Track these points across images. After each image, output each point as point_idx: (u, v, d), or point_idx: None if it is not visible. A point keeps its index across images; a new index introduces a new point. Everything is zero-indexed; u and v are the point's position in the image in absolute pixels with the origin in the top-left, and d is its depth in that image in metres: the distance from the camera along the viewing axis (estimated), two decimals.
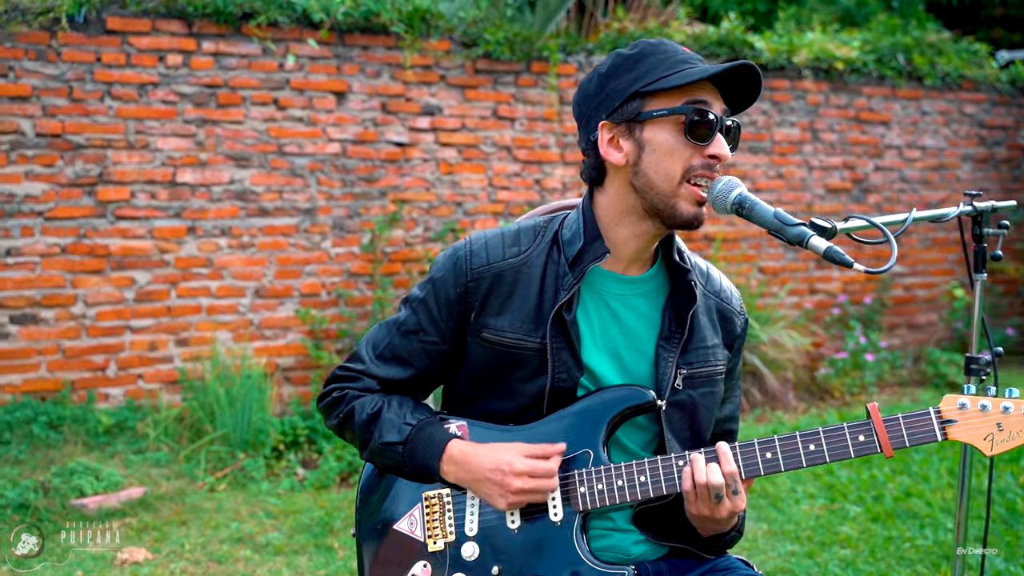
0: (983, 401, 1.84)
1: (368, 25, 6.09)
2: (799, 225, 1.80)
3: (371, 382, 2.06)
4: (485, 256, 2.00)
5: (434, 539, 1.97)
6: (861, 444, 1.88)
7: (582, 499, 1.94)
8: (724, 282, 2.17)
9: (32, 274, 5.46)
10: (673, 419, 2.03)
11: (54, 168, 5.47)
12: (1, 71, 5.33)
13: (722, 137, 1.89)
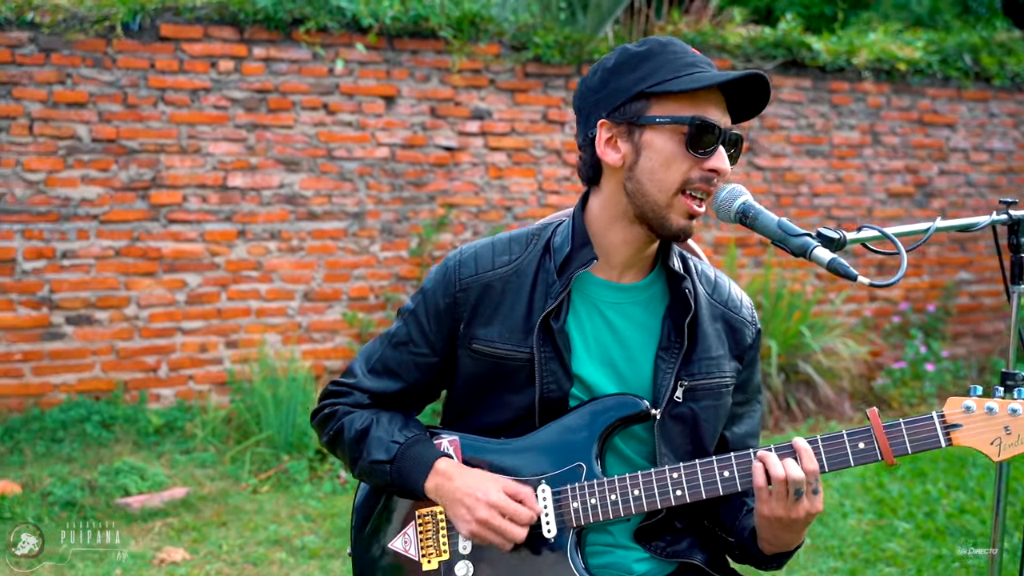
0: (989, 403, 1.74)
1: (417, 30, 6.10)
2: (803, 235, 1.73)
3: (362, 396, 2.03)
4: (474, 266, 1.96)
5: (428, 558, 1.94)
6: (861, 452, 1.80)
7: (575, 514, 1.89)
8: (734, 291, 2.10)
9: (87, 276, 5.58)
10: (673, 432, 1.97)
11: (109, 172, 5.59)
12: (59, 78, 5.47)
13: (723, 150, 1.82)
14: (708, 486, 1.85)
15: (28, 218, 5.45)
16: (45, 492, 4.58)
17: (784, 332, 6.30)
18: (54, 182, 5.49)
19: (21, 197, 5.43)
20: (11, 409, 5.44)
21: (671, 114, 1.80)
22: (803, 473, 1.76)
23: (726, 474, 1.85)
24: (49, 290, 5.52)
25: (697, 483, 1.86)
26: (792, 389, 6.27)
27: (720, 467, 1.86)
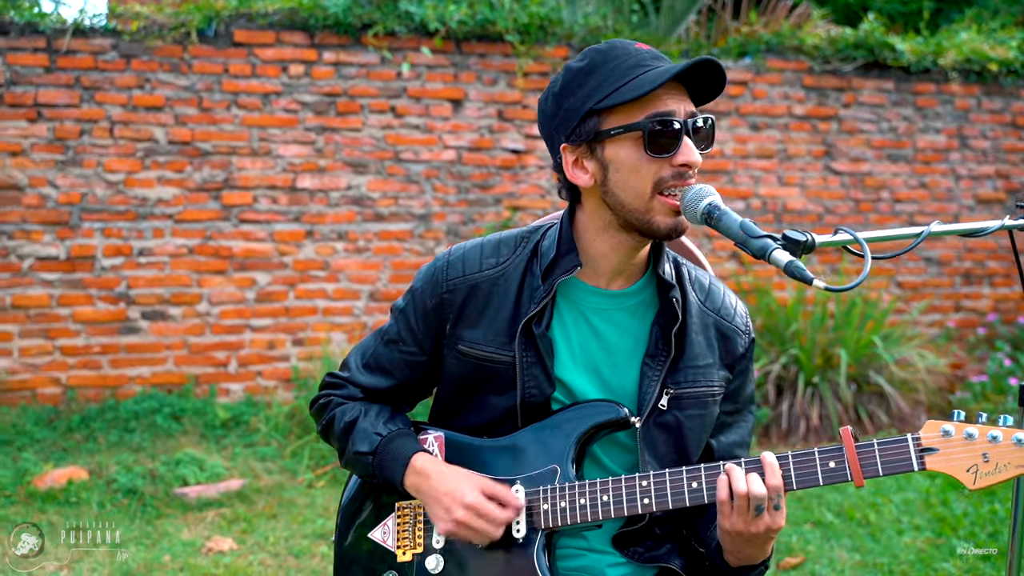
0: (969, 429, 1.66)
1: (484, 33, 6.14)
2: (764, 237, 1.68)
3: (355, 390, 2.06)
4: (461, 267, 1.97)
5: (403, 550, 1.96)
6: (831, 471, 1.74)
7: (544, 516, 1.88)
8: (728, 299, 2.05)
9: (162, 273, 5.79)
10: (658, 440, 1.94)
11: (184, 174, 5.80)
12: (138, 83, 5.70)
13: (690, 141, 1.78)
14: (675, 496, 1.82)
15: (108, 217, 5.70)
16: (110, 479, 4.77)
17: (856, 342, 6.11)
18: (132, 183, 5.73)
19: (102, 197, 5.68)
20: (89, 399, 5.69)
21: (623, 123, 1.77)
22: (765, 489, 1.72)
23: (694, 485, 1.82)
24: (126, 286, 5.75)
25: (665, 493, 1.83)
26: (863, 401, 6.08)
27: (689, 478, 1.82)
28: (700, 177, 6.12)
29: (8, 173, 5.54)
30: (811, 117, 6.86)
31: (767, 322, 6.31)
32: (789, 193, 6.85)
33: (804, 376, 6.01)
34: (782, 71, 6.77)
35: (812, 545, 4.18)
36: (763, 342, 6.25)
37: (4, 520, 4.38)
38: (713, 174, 6.69)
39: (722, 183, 6.71)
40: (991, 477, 1.63)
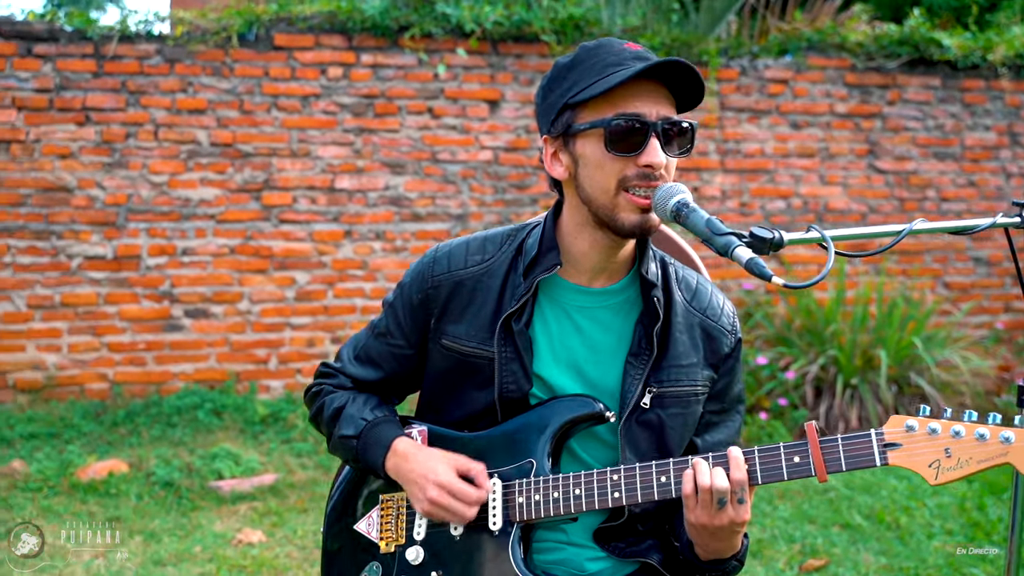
0: (933, 424, 1.64)
1: (520, 34, 6.17)
2: (728, 234, 1.68)
3: (346, 380, 2.11)
4: (447, 264, 2.00)
5: (386, 541, 2.00)
6: (796, 466, 1.74)
7: (519, 509, 1.90)
8: (715, 299, 2.06)
9: (204, 272, 5.94)
10: (640, 438, 1.95)
11: (225, 175, 5.93)
12: (181, 86, 5.84)
13: (657, 143, 1.79)
14: (644, 490, 1.84)
15: (152, 217, 5.85)
16: (149, 472, 4.91)
17: (896, 343, 6.01)
18: (176, 184, 5.88)
19: (146, 198, 5.84)
20: (134, 395, 5.85)
21: (591, 119, 1.80)
22: (728, 483, 1.73)
23: (663, 479, 1.83)
24: (170, 285, 5.90)
25: (634, 486, 1.84)
26: (905, 403, 5.98)
27: (658, 472, 1.84)
28: (738, 177, 6.07)
29: (58, 175, 5.73)
30: (854, 115, 6.76)
31: (805, 323, 6.24)
32: (831, 192, 6.77)
33: (843, 377, 5.93)
34: (824, 68, 6.69)
35: (838, 548, 4.14)
36: (801, 343, 6.18)
37: (48, 510, 4.54)
38: (753, 173, 6.63)
39: (762, 182, 6.65)
40: (953, 472, 1.62)
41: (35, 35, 5.67)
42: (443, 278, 1.99)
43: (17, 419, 5.57)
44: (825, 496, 4.74)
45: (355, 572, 2.03)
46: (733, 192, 6.62)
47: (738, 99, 6.59)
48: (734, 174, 6.63)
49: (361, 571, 2.02)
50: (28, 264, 5.73)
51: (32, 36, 5.67)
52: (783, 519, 4.47)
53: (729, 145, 6.60)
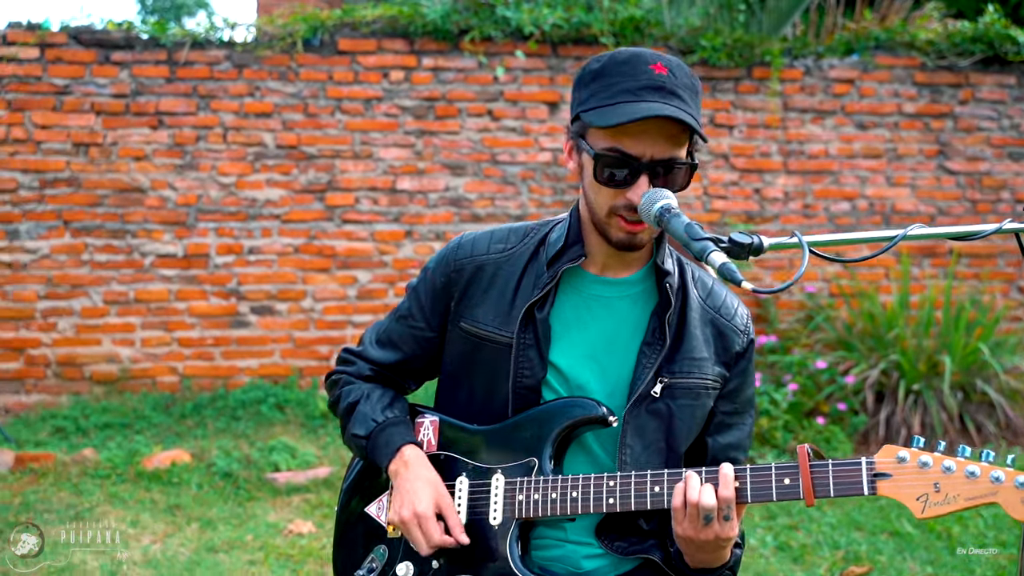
0: (924, 457, 1.63)
1: (580, 36, 6.21)
2: (705, 239, 1.70)
3: (364, 366, 2.18)
4: (470, 249, 2.08)
5: (393, 526, 2.07)
6: (785, 488, 1.76)
7: (519, 507, 1.96)
8: (729, 300, 2.09)
9: (269, 270, 6.13)
10: (648, 427, 1.99)
11: (290, 176, 6.11)
12: (249, 91, 6.04)
13: (646, 181, 1.82)
14: (638, 499, 1.88)
15: (221, 217, 6.07)
16: (210, 463, 5.10)
17: (963, 348, 5.86)
18: (243, 185, 6.08)
19: (215, 198, 6.05)
20: (203, 388, 6.08)
21: (591, 143, 1.85)
22: (715, 501, 1.76)
23: (656, 489, 1.86)
24: (237, 282, 6.11)
25: (629, 494, 1.88)
26: (971, 410, 5.83)
27: (652, 482, 1.87)
28: (801, 178, 6.00)
29: (132, 177, 5.98)
30: (923, 115, 6.61)
31: (866, 327, 6.13)
32: (898, 194, 6.63)
33: (905, 383, 5.81)
34: (891, 68, 6.56)
35: (884, 555, 4.08)
36: (862, 347, 6.08)
37: (114, 496, 4.75)
38: (816, 174, 6.54)
39: (826, 183, 6.56)
40: (940, 507, 1.61)
41: (113, 43, 5.93)
42: (466, 262, 2.06)
43: (92, 409, 5.84)
44: (876, 504, 4.67)
45: (363, 553, 2.10)
46: (796, 194, 6.54)
47: (802, 99, 6.51)
48: (797, 175, 6.55)
49: (369, 552, 2.09)
50: (104, 261, 5.99)
51: (110, 44, 5.93)
52: (830, 525, 4.42)
53: (792, 146, 6.52)
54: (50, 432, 5.63)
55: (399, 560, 2.04)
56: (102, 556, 4.03)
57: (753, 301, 6.51)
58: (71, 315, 5.99)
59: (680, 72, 1.89)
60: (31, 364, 5.97)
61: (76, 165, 5.94)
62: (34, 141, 5.90)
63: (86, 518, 4.46)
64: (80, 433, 5.62)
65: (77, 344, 6.00)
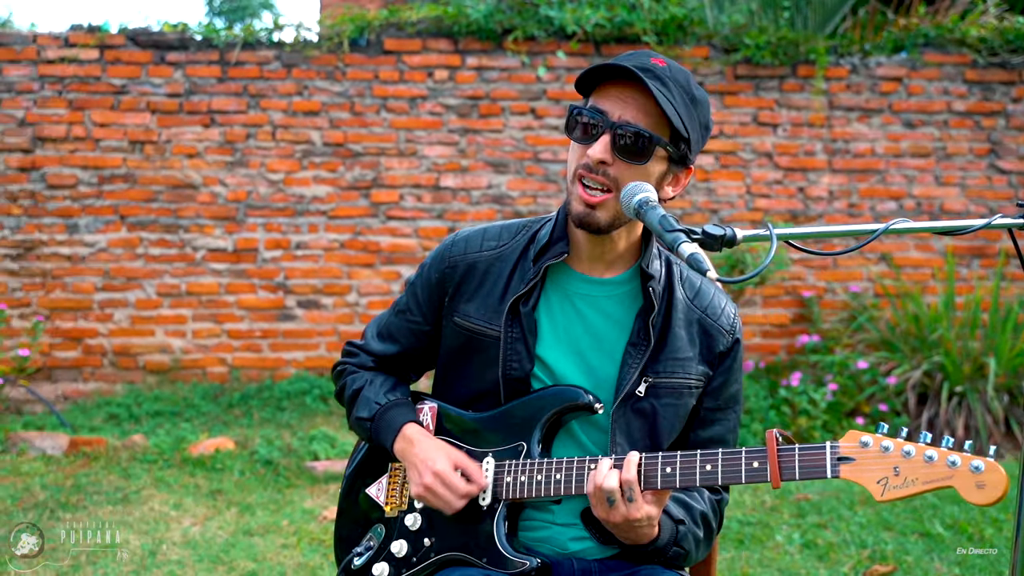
0: (886, 442, 1.67)
1: (623, 35, 6.24)
2: (677, 231, 1.75)
3: (366, 358, 2.28)
4: (464, 247, 2.16)
5: (391, 506, 2.16)
6: (754, 471, 1.80)
7: (506, 488, 2.03)
8: (717, 300, 2.13)
9: (316, 265, 6.28)
10: (633, 425, 2.05)
11: (336, 173, 6.26)
12: (297, 90, 6.20)
13: (608, 141, 1.88)
14: None
15: (269, 213, 6.24)
16: (252, 450, 5.26)
17: (1009, 351, 5.76)
18: (291, 182, 6.24)
19: (264, 195, 6.23)
20: (251, 379, 6.26)
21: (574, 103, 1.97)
22: (615, 484, 1.84)
23: None
24: (284, 277, 6.27)
25: None
26: (1016, 413, 5.72)
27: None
28: (847, 177, 6.00)
29: (185, 173, 6.18)
30: (974, 113, 6.51)
31: (910, 327, 6.06)
32: (947, 193, 6.54)
33: (949, 385, 5.73)
34: (941, 65, 6.47)
35: (911, 556, 4.05)
36: (905, 348, 6.01)
37: (160, 480, 4.94)
38: (862, 173, 6.48)
39: (872, 182, 6.49)
40: (899, 491, 1.64)
41: (168, 44, 6.14)
42: (459, 259, 2.14)
43: (145, 397, 6.06)
44: (909, 504, 4.63)
45: (362, 531, 2.20)
46: (841, 193, 6.49)
47: (848, 98, 6.46)
48: (842, 174, 6.50)
49: (367, 531, 2.19)
50: (158, 255, 6.20)
51: (165, 45, 6.14)
52: (859, 524, 4.40)
53: (838, 145, 6.47)
54: (104, 418, 5.86)
55: (395, 538, 2.13)
56: (144, 536, 4.20)
57: (796, 301, 6.48)
58: (126, 306, 6.21)
59: (678, 72, 1.95)
60: (88, 353, 6.21)
61: (132, 162, 6.16)
62: (93, 139, 6.13)
63: (132, 500, 4.65)
64: (132, 420, 5.84)
65: (132, 335, 6.22)
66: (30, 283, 6.15)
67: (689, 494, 2.10)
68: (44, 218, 6.14)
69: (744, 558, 4.05)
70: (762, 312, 6.47)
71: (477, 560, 2.02)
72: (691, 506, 2.08)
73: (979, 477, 1.57)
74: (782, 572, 3.91)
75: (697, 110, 1.97)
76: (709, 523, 2.11)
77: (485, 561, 2.01)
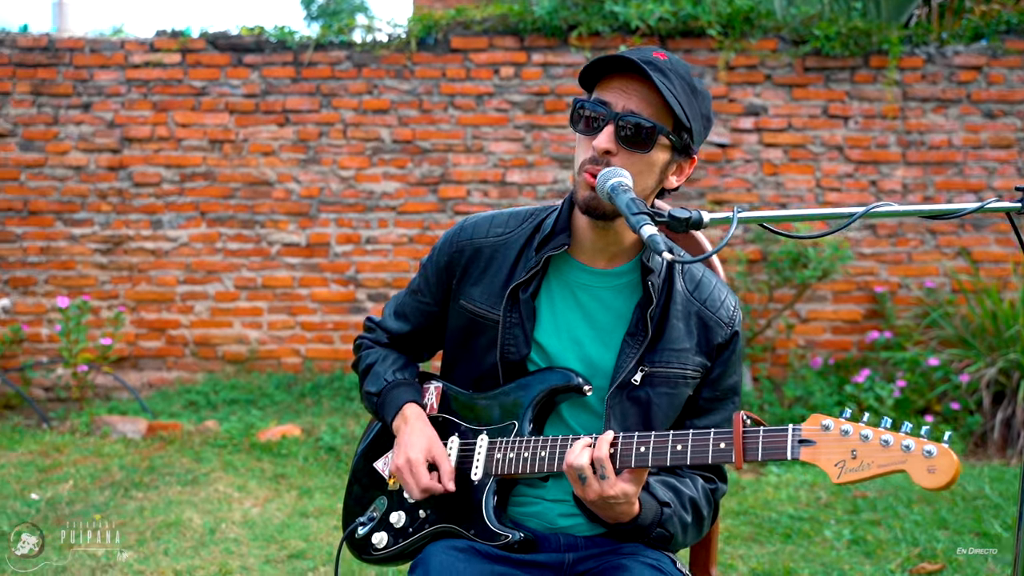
0: (846, 426, 1.68)
1: (688, 29, 6.22)
2: (642, 214, 1.79)
3: (382, 334, 2.38)
4: (471, 232, 2.24)
5: (392, 479, 2.25)
6: (720, 451, 1.83)
7: (496, 464, 2.10)
8: (716, 292, 2.16)
9: (385, 260, 6.44)
10: (628, 413, 2.09)
11: (405, 170, 6.41)
12: (367, 88, 6.38)
13: (611, 131, 1.92)
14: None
15: (341, 209, 6.43)
16: (317, 437, 5.44)
17: None
18: (361, 178, 6.42)
19: (336, 191, 6.42)
20: (322, 370, 6.46)
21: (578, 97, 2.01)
22: (586, 461, 1.88)
23: (611, 451, 1.96)
24: (355, 271, 6.46)
25: None
26: None
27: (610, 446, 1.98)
28: (921, 170, 5.91)
29: (261, 171, 6.42)
30: None
31: (985, 324, 5.88)
32: None
33: None
34: (1023, 53, 6.25)
35: (962, 555, 3.95)
36: (980, 345, 5.83)
37: (229, 464, 5.15)
38: (938, 166, 6.31)
39: (949, 175, 6.31)
40: (854, 474, 1.65)
41: (245, 46, 6.39)
42: (466, 244, 2.22)
43: (223, 386, 6.33)
44: (971, 504, 4.51)
45: (368, 503, 2.30)
46: (916, 186, 6.33)
47: (923, 88, 6.29)
48: (917, 167, 6.33)
49: (372, 502, 2.29)
50: (236, 250, 6.46)
51: (242, 47, 6.39)
52: (914, 522, 4.31)
53: (912, 137, 6.31)
54: (184, 405, 6.14)
55: (394, 509, 2.22)
56: (207, 515, 4.41)
57: (868, 297, 6.35)
58: (206, 299, 6.49)
59: (680, 66, 2.00)
60: (171, 343, 6.51)
61: (211, 160, 6.43)
62: (175, 139, 6.42)
63: (200, 482, 4.87)
64: (210, 407, 6.10)
65: (211, 326, 6.49)
66: (118, 276, 6.48)
67: (680, 480, 2.13)
68: (131, 214, 6.46)
69: (788, 552, 4.02)
70: (832, 308, 6.36)
71: (466, 532, 2.10)
72: (680, 491, 2.10)
73: (931, 462, 1.57)
74: (825, 567, 3.87)
75: (698, 101, 2.01)
76: (699, 509, 2.13)
77: (473, 533, 2.09)
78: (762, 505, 4.60)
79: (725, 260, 6.33)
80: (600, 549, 2.12)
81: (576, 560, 2.12)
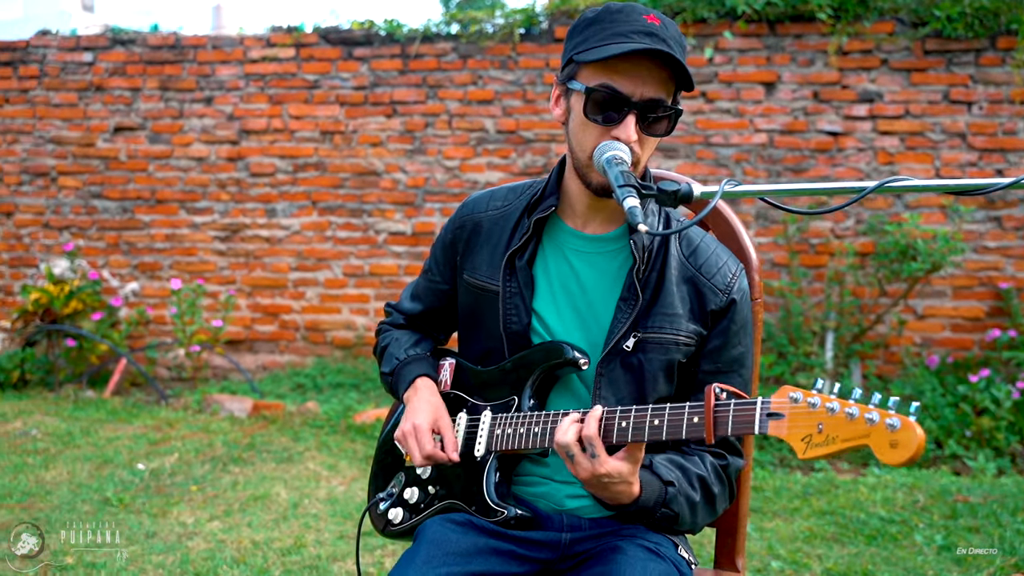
0: (813, 398, 1.58)
1: (797, 13, 6.01)
2: (627, 186, 1.75)
3: (399, 317, 2.43)
4: (472, 208, 2.26)
5: (409, 455, 2.29)
6: (694, 426, 1.76)
7: (496, 440, 2.09)
8: (714, 259, 2.09)
9: None
10: (620, 379, 2.06)
11: (508, 159, 6.44)
12: (472, 79, 6.45)
13: (633, 121, 1.88)
14: None
15: (445, 198, 6.52)
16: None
17: None
18: (466, 168, 6.50)
19: (440, 181, 6.52)
20: None
21: (582, 82, 1.92)
22: (572, 439, 1.84)
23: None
24: None
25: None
26: None
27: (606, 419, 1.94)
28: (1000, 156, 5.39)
29: (369, 161, 6.58)
30: None
31: None
32: None
33: None
34: None
35: None
36: None
37: (324, 444, 5.32)
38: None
39: None
40: (820, 448, 1.56)
41: (355, 40, 6.57)
42: (467, 219, 2.24)
43: (330, 370, 6.53)
44: None
45: (388, 478, 2.35)
46: None
47: None
48: None
49: (391, 478, 2.33)
50: (344, 238, 6.65)
51: (352, 41, 6.57)
52: (1016, 531, 4.01)
53: None
54: (292, 387, 6.37)
55: (409, 485, 2.25)
56: (294, 491, 4.57)
57: (992, 293, 5.98)
58: (316, 285, 6.70)
59: (671, 26, 1.96)
60: (284, 328, 6.76)
61: (323, 151, 6.64)
62: (289, 130, 6.66)
63: (294, 459, 5.04)
64: (316, 390, 6.30)
65: (321, 312, 6.71)
66: (235, 262, 6.78)
67: (688, 457, 2.07)
68: (247, 203, 6.74)
69: (869, 555, 3.84)
70: (952, 304, 6.02)
71: (467, 507, 2.11)
72: (687, 468, 2.04)
73: (893, 436, 1.47)
74: (908, 572, 3.67)
75: (685, 56, 1.96)
76: (708, 487, 2.06)
77: (474, 509, 2.09)
78: (852, 505, 4.41)
79: (832, 253, 6.09)
80: (601, 530, 2.09)
81: (573, 540, 2.09)
